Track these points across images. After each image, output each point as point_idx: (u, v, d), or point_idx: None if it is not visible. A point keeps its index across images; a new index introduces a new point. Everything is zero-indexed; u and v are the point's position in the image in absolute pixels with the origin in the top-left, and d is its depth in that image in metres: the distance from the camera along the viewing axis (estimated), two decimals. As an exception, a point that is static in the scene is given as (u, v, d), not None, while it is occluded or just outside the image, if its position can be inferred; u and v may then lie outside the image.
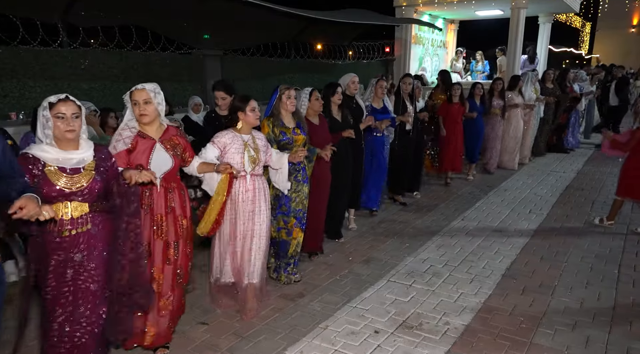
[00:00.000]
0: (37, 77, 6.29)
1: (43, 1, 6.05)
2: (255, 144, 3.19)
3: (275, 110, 3.62)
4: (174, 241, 2.72)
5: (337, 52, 11.70)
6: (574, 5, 12.19)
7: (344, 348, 2.87)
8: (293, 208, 3.66)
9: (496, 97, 7.33)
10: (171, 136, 2.75)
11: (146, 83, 2.62)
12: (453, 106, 6.55)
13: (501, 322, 3.15)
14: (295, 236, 3.71)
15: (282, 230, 3.68)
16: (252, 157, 3.14)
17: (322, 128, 4.09)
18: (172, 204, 2.70)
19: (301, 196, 3.69)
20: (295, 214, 3.67)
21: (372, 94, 5.19)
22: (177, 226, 2.72)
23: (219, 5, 6.72)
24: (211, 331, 3.06)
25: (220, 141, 3.10)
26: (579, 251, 4.38)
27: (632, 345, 2.88)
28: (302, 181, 3.69)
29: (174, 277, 2.75)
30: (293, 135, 3.61)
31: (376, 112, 5.11)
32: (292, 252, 3.74)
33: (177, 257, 2.73)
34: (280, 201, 3.63)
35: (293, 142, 3.60)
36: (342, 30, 10.31)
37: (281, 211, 3.66)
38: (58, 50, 6.51)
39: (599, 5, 21.22)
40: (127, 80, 7.27)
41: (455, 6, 11.37)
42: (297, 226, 3.70)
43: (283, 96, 3.57)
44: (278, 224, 3.67)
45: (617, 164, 8.10)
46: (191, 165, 2.94)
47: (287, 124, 3.62)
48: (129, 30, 7.46)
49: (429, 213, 5.57)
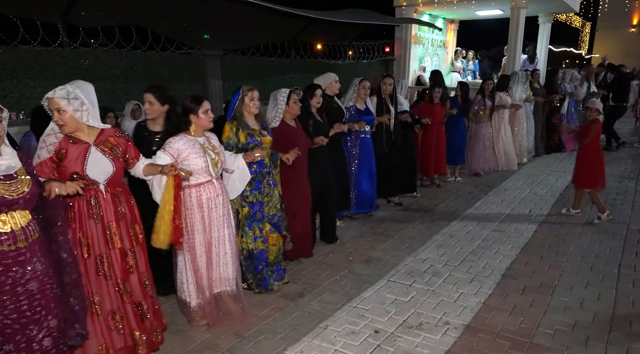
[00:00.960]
0: (37, 77, 6.30)
1: (43, 1, 6.05)
2: (212, 145, 3.02)
3: (237, 113, 3.43)
4: (130, 248, 2.57)
5: (337, 52, 11.71)
6: (574, 5, 12.18)
7: (344, 348, 2.87)
8: (267, 213, 3.54)
9: (487, 98, 7.20)
10: (108, 137, 2.53)
11: (60, 88, 2.38)
12: (435, 107, 6.39)
13: (501, 322, 3.15)
14: (274, 243, 3.60)
15: (258, 239, 3.52)
16: (214, 160, 2.97)
17: (299, 131, 3.99)
18: (123, 210, 2.55)
19: (273, 199, 3.59)
20: (270, 220, 3.56)
21: (355, 94, 5.02)
22: (130, 232, 2.58)
23: (219, 5, 6.72)
24: (211, 331, 3.06)
25: (172, 148, 2.85)
26: (579, 251, 4.38)
27: (632, 345, 2.88)
28: (272, 184, 3.58)
29: (142, 286, 2.62)
30: (261, 136, 3.47)
31: (360, 113, 5.00)
32: (273, 259, 3.62)
33: (137, 265, 2.60)
34: (254, 208, 3.49)
35: (262, 143, 3.46)
36: (342, 30, 10.32)
37: (256, 219, 3.51)
38: (58, 50, 6.52)
39: (599, 5, 21.22)
40: (127, 81, 7.28)
41: (455, 6, 11.37)
42: (274, 232, 3.59)
43: (246, 97, 3.41)
44: (254, 233, 3.51)
45: (617, 164, 8.11)
46: (136, 167, 2.71)
47: (252, 126, 3.46)
48: (129, 30, 7.47)
49: (429, 213, 5.57)
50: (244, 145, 3.39)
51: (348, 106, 4.97)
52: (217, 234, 3.02)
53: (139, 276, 2.61)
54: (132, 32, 7.47)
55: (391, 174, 5.69)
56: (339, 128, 4.56)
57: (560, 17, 16.15)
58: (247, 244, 3.49)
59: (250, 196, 3.47)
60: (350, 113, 4.94)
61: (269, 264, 3.59)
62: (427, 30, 12.46)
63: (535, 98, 8.23)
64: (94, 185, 2.46)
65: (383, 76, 5.55)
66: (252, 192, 3.47)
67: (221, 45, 8.23)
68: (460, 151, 7.10)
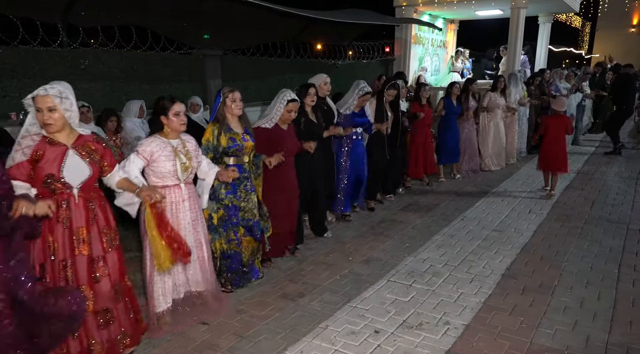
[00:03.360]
0: (37, 77, 6.29)
1: (43, 1, 6.04)
2: (185, 150, 2.95)
3: (220, 115, 3.35)
4: (102, 255, 2.51)
5: (337, 52, 11.69)
6: (573, 5, 12.19)
7: (344, 348, 2.87)
8: (241, 217, 3.50)
9: (470, 98, 7.13)
10: (86, 141, 2.50)
11: (52, 85, 2.36)
12: (422, 108, 6.35)
13: (501, 322, 3.15)
14: (247, 246, 3.60)
15: (232, 242, 3.53)
16: (184, 165, 2.90)
17: (290, 135, 3.95)
18: (95, 215, 2.50)
19: (250, 205, 3.52)
20: (246, 224, 3.52)
21: (355, 102, 4.94)
22: (102, 238, 2.52)
23: (219, 5, 6.71)
24: (211, 331, 3.06)
25: (145, 151, 2.82)
26: (579, 250, 4.38)
27: (632, 345, 2.88)
28: (250, 190, 3.53)
29: (112, 292, 2.54)
30: (243, 141, 3.39)
31: (354, 115, 4.98)
32: (247, 261, 3.62)
33: (107, 272, 2.53)
34: (230, 212, 3.45)
35: (243, 149, 3.41)
36: (342, 30, 10.31)
37: (230, 223, 3.48)
38: (58, 50, 6.51)
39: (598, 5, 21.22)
40: (127, 80, 7.28)
41: (455, 6, 11.37)
42: (247, 235, 3.56)
43: (227, 99, 3.33)
44: (228, 236, 3.50)
45: (617, 164, 8.12)
46: (111, 176, 2.66)
47: (235, 129, 3.40)
48: (129, 30, 7.46)
49: (429, 213, 5.57)
50: (225, 149, 3.34)
51: (343, 112, 4.92)
52: (185, 240, 2.89)
53: (111, 282, 2.54)
54: (132, 32, 7.46)
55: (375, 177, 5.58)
56: (334, 131, 4.53)
57: (560, 17, 16.16)
58: (222, 245, 3.50)
59: (226, 200, 3.42)
60: (344, 116, 4.90)
61: (242, 264, 3.61)
62: (427, 30, 12.46)
63: (531, 100, 8.17)
64: (67, 189, 2.42)
65: (388, 87, 5.39)
66: (228, 195, 3.42)
67: (221, 45, 8.22)
68: (455, 150, 7.08)
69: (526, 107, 8.24)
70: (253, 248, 3.67)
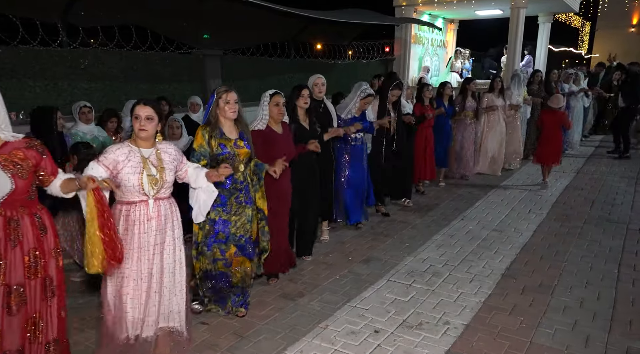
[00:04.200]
0: (37, 77, 6.30)
1: (43, 1, 6.04)
2: (159, 161, 2.51)
3: (212, 117, 3.02)
4: (20, 284, 2.12)
5: (337, 52, 11.70)
6: (573, 5, 12.19)
7: (344, 348, 2.87)
8: (232, 234, 3.08)
9: (469, 98, 6.89)
10: (12, 150, 2.12)
11: None
12: (425, 108, 6.07)
13: (501, 321, 3.16)
14: (237, 266, 3.17)
15: (219, 262, 3.10)
16: (154, 178, 2.46)
17: (285, 138, 3.64)
18: (19, 237, 2.12)
19: (243, 219, 3.12)
20: (236, 242, 3.10)
21: (356, 106, 4.70)
22: (25, 264, 2.14)
23: (219, 5, 6.72)
24: (211, 331, 3.06)
25: (107, 158, 2.39)
26: (579, 250, 4.38)
27: (631, 344, 2.89)
28: (244, 202, 3.12)
29: (24, 333, 2.16)
30: (235, 148, 3.02)
31: (354, 120, 4.70)
32: (236, 282, 3.21)
33: (25, 304, 2.14)
34: (216, 227, 3.05)
35: (235, 156, 3.03)
36: (342, 30, 10.31)
37: (217, 240, 3.06)
38: (58, 50, 6.52)
39: (598, 5, 21.20)
40: (127, 80, 7.28)
41: (455, 6, 11.37)
42: (240, 255, 3.14)
43: (220, 100, 2.98)
44: (214, 255, 3.08)
45: (617, 164, 8.12)
46: (52, 184, 2.30)
47: (228, 134, 3.03)
48: (129, 30, 7.46)
49: (429, 213, 5.57)
50: (214, 156, 3.00)
51: (345, 117, 4.68)
52: (147, 265, 2.50)
53: (25, 319, 2.18)
54: (132, 32, 7.46)
55: (379, 182, 5.34)
56: (335, 132, 4.22)
57: (560, 16, 16.14)
58: (205, 265, 3.10)
59: (212, 213, 3.01)
60: (344, 121, 4.68)
61: (232, 285, 3.20)
62: (427, 30, 12.47)
63: (533, 99, 7.96)
64: None
65: (392, 87, 5.15)
66: (215, 208, 3.00)
67: (221, 45, 8.23)
68: (445, 154, 6.75)
69: (527, 107, 8.07)
70: (246, 270, 3.22)
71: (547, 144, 6.39)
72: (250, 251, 3.19)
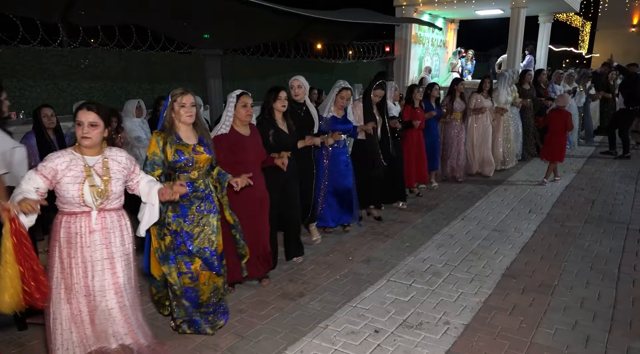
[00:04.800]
0: (37, 77, 6.31)
1: (43, 1, 6.05)
2: (105, 170, 2.32)
3: (167, 122, 2.80)
4: None
5: (337, 52, 11.71)
6: (574, 5, 12.19)
7: (344, 348, 2.87)
8: (196, 247, 2.86)
9: (457, 99, 6.67)
10: None
11: None
12: (415, 111, 5.89)
13: (501, 321, 3.16)
14: (205, 281, 2.92)
15: (184, 275, 2.87)
16: (98, 190, 2.28)
17: (254, 141, 3.40)
18: None
19: (207, 231, 2.89)
20: (202, 255, 2.88)
21: (333, 105, 4.52)
22: None
23: (219, 5, 6.72)
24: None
25: (46, 167, 2.22)
26: (579, 250, 4.38)
27: (632, 344, 2.88)
28: (206, 211, 2.89)
29: None
30: (193, 154, 2.80)
31: (336, 122, 4.52)
32: (205, 300, 2.95)
33: None
34: (178, 239, 2.83)
35: (193, 163, 2.81)
36: (342, 29, 10.32)
37: (181, 252, 2.85)
38: (58, 50, 6.53)
39: (599, 5, 21.21)
40: (127, 80, 7.28)
41: (456, 5, 11.38)
42: (206, 270, 2.90)
43: (175, 104, 2.76)
44: (179, 267, 2.85)
45: (617, 164, 8.12)
46: None
47: (186, 139, 2.81)
48: (129, 30, 7.47)
49: (429, 213, 5.57)
50: (170, 164, 2.77)
51: (326, 117, 4.49)
52: (93, 283, 2.31)
53: None
54: (132, 32, 7.47)
55: (369, 185, 5.15)
56: (310, 141, 3.98)
57: (560, 16, 16.15)
58: (172, 279, 2.86)
59: (173, 224, 2.81)
60: (325, 122, 4.48)
61: (199, 304, 2.95)
62: (427, 29, 12.47)
63: (523, 101, 7.81)
64: None
65: (375, 87, 4.94)
66: (176, 219, 2.81)
67: (221, 45, 8.23)
68: (435, 156, 6.58)
69: (519, 108, 7.85)
70: (216, 285, 2.98)
71: (552, 141, 6.69)
72: (217, 265, 2.94)
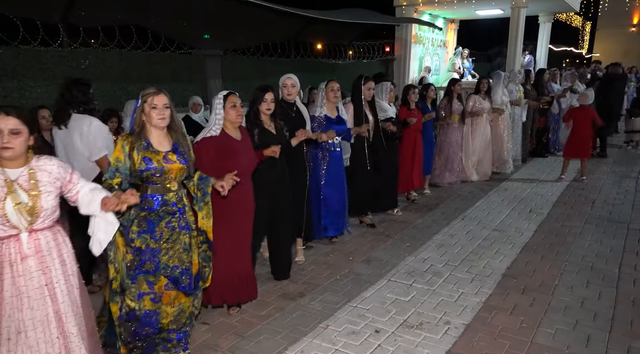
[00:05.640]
0: (37, 77, 6.31)
1: (43, 1, 6.05)
2: (32, 183, 2.00)
3: (136, 126, 2.49)
4: None
5: (337, 52, 11.71)
6: (574, 5, 12.20)
7: (344, 348, 2.87)
8: (164, 264, 2.56)
9: (455, 100, 6.43)
10: None
11: None
12: (411, 113, 5.60)
13: (502, 321, 3.15)
14: (170, 302, 2.62)
15: (145, 296, 2.54)
16: (24, 207, 1.96)
17: (245, 146, 3.16)
18: None
19: (177, 248, 2.59)
20: (168, 273, 2.58)
21: (324, 100, 4.26)
22: None
23: (219, 5, 6.72)
24: (212, 331, 3.06)
25: None
26: (580, 250, 4.38)
27: (632, 344, 2.88)
28: (178, 228, 2.58)
29: None
30: (164, 163, 2.47)
31: (330, 122, 4.25)
32: (167, 324, 2.64)
33: None
34: (143, 256, 2.51)
35: (163, 173, 2.47)
36: (342, 29, 10.33)
37: (144, 270, 2.52)
38: (58, 50, 6.53)
39: (599, 5, 21.21)
40: (127, 81, 7.29)
41: (456, 5, 11.38)
42: (172, 289, 2.60)
43: (145, 105, 2.45)
44: (139, 288, 2.53)
45: (617, 164, 8.12)
46: None
47: (157, 146, 2.50)
48: (129, 30, 7.47)
49: (429, 213, 5.57)
50: (136, 172, 2.44)
51: (319, 116, 4.23)
52: (32, 314, 2.01)
53: None
54: (132, 32, 7.47)
55: (362, 191, 4.92)
56: (303, 135, 3.67)
57: (561, 16, 16.16)
58: (129, 301, 2.52)
59: (138, 241, 2.49)
60: (318, 122, 4.21)
61: (159, 330, 2.63)
62: (427, 29, 12.47)
63: (528, 101, 7.72)
64: None
65: (364, 80, 4.69)
66: (142, 235, 2.50)
67: (221, 45, 8.24)
68: (429, 160, 6.30)
69: (523, 109, 7.77)
70: (182, 307, 2.67)
71: (576, 139, 6.79)
72: (187, 284, 2.64)
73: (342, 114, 4.41)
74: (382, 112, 5.12)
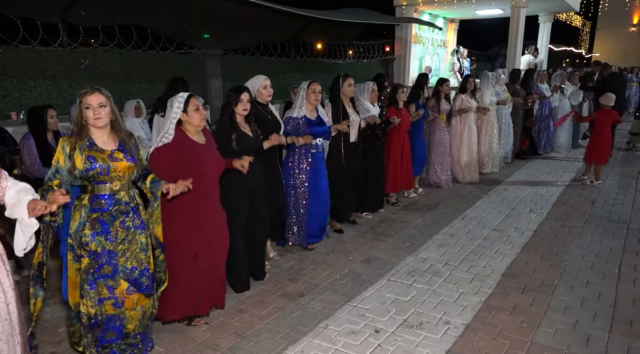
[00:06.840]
0: (37, 77, 6.31)
1: (43, 1, 6.05)
2: None
3: (75, 126, 2.43)
4: None
5: (337, 52, 11.71)
6: (574, 4, 12.21)
7: (344, 347, 2.87)
8: (122, 267, 2.49)
9: (443, 100, 6.31)
10: None
11: None
12: (400, 112, 5.44)
13: (501, 321, 3.16)
14: (133, 306, 2.56)
15: (105, 302, 2.47)
16: None
17: (209, 150, 3.00)
18: None
19: (134, 248, 2.53)
20: (128, 275, 2.51)
21: (304, 101, 4.15)
22: None
23: (219, 5, 6.72)
24: (212, 331, 3.06)
25: None
26: (580, 250, 4.38)
27: (632, 344, 2.88)
28: (133, 227, 2.53)
29: None
30: (110, 161, 2.41)
31: (311, 124, 4.13)
32: (134, 329, 2.59)
33: None
34: (100, 259, 2.43)
35: (110, 171, 2.41)
36: (342, 29, 10.32)
37: (102, 275, 2.44)
38: (58, 50, 6.53)
39: (599, 4, 21.23)
40: (127, 80, 7.28)
41: (456, 5, 11.40)
42: (134, 292, 2.54)
43: (81, 105, 2.39)
44: (99, 293, 2.45)
45: (617, 164, 8.12)
46: None
47: (102, 145, 2.44)
48: (129, 30, 7.47)
49: (429, 212, 5.57)
50: (82, 173, 2.37)
51: (297, 116, 4.12)
52: None
53: None
54: (132, 32, 7.47)
55: (342, 194, 4.81)
56: (276, 140, 3.61)
57: (561, 16, 16.16)
58: (88, 307, 2.46)
59: (92, 243, 2.41)
60: (297, 124, 4.09)
61: (125, 335, 2.57)
62: (427, 29, 12.49)
63: (514, 99, 7.67)
64: None
65: (342, 78, 4.61)
66: (96, 237, 2.42)
67: (221, 44, 8.23)
68: (421, 160, 6.26)
69: (509, 108, 7.64)
70: (145, 309, 2.63)
71: (596, 142, 6.73)
72: (147, 285, 2.60)
73: (322, 116, 4.31)
74: (364, 112, 5.00)
